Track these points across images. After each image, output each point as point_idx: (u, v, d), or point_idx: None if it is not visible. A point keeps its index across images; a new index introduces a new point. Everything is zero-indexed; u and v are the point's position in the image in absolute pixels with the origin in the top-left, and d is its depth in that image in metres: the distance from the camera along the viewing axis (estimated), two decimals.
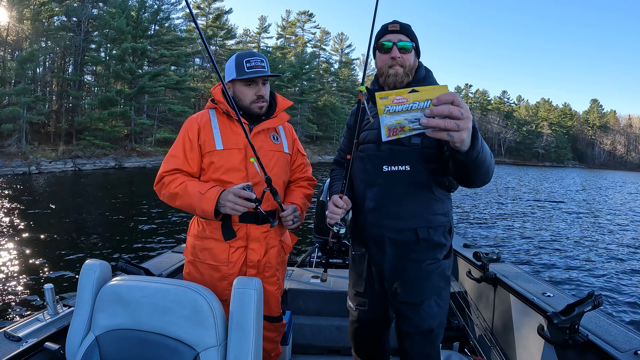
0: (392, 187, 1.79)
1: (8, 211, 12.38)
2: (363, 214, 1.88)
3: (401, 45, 1.76)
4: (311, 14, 67.43)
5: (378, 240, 1.84)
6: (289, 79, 51.82)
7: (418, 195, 1.77)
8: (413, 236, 1.78)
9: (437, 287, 1.83)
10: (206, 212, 1.80)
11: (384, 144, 1.79)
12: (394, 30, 1.78)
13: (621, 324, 1.90)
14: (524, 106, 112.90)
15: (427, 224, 1.78)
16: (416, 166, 1.74)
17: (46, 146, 30.50)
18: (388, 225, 1.80)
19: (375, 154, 1.83)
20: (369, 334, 2.12)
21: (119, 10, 35.41)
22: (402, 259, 1.82)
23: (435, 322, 1.84)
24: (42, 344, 1.62)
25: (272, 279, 2.08)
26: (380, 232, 1.82)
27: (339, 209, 1.78)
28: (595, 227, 14.75)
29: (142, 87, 35.30)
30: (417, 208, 1.78)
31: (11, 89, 28.77)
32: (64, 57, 36.42)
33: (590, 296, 1.78)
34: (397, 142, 1.75)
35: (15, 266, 7.31)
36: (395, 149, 1.78)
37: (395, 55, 1.76)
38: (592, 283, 8.16)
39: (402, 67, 1.77)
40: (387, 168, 1.78)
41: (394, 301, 1.88)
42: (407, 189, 1.77)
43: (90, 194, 18.35)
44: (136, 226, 10.97)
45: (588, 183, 41.75)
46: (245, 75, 1.92)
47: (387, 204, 1.80)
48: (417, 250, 1.79)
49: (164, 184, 1.91)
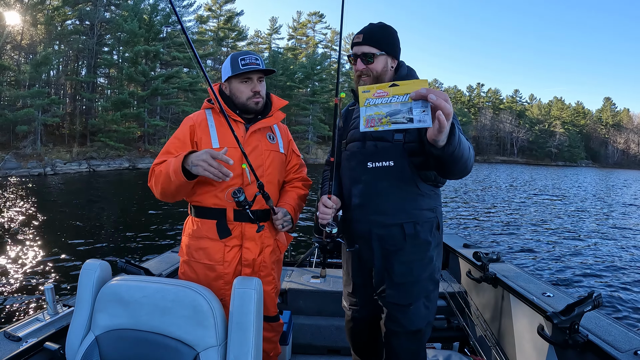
0: (376, 183, 1.81)
1: (14, 211, 12.59)
2: (350, 210, 1.92)
3: (365, 56, 1.80)
4: (322, 15, 67.58)
5: (365, 236, 1.87)
6: (301, 80, 51.98)
7: (403, 191, 1.79)
8: (399, 232, 1.80)
9: (426, 290, 1.85)
10: (176, 169, 1.72)
11: (369, 142, 1.84)
12: (357, 43, 1.83)
13: (621, 324, 1.90)
14: (537, 105, 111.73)
15: (413, 219, 1.80)
16: (400, 161, 1.77)
17: (61, 148, 30.95)
18: (374, 221, 1.83)
19: (360, 151, 1.87)
20: (364, 333, 2.14)
21: (131, 13, 35.79)
22: (390, 259, 1.84)
23: (423, 322, 1.86)
24: (42, 344, 1.62)
25: (267, 278, 2.07)
26: (367, 227, 1.85)
27: (329, 209, 1.81)
28: (596, 227, 14.60)
29: (155, 89, 35.62)
30: (402, 203, 1.80)
31: (26, 92, 29.21)
32: (77, 60, 36.94)
33: (590, 296, 1.77)
34: (381, 138, 1.80)
35: (15, 266, 7.38)
36: (379, 145, 1.81)
37: (359, 68, 1.82)
38: (592, 283, 8.12)
39: (369, 76, 1.82)
40: (372, 164, 1.81)
41: (383, 300, 1.90)
42: (392, 184, 1.79)
43: (97, 194, 18.62)
44: (137, 226, 11.06)
45: (597, 183, 41.20)
46: (240, 71, 1.94)
47: (372, 200, 1.84)
48: (405, 250, 1.81)
49: (154, 173, 1.89)
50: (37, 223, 10.93)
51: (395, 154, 1.77)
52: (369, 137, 1.86)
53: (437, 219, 1.88)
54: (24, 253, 8.15)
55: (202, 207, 1.96)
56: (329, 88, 56.85)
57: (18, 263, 7.55)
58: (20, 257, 7.86)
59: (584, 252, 10.65)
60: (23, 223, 10.88)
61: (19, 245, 8.67)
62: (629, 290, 7.67)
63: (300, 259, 4.16)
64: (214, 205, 1.93)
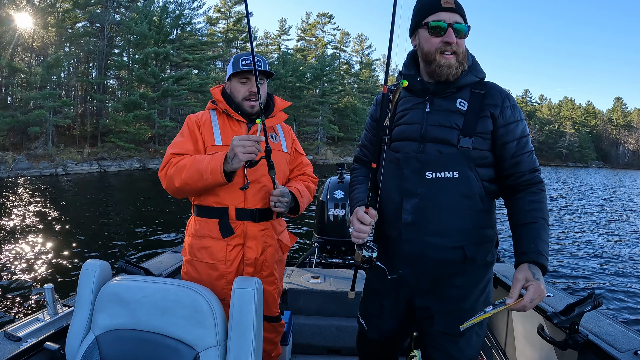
0: (437, 197, 1.52)
1: (18, 211, 12.70)
2: (397, 228, 1.59)
3: (457, 28, 1.48)
4: (331, 16, 67.54)
5: (415, 259, 1.58)
6: (310, 81, 52.03)
7: (467, 207, 1.52)
8: (459, 255, 1.53)
9: None
10: (214, 169, 1.73)
11: (429, 144, 1.54)
12: (449, 8, 1.48)
13: (621, 324, 1.90)
14: (547, 105, 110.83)
15: (475, 240, 1.55)
16: (466, 172, 1.50)
17: (72, 148, 31.25)
18: (429, 243, 1.53)
19: (416, 157, 1.55)
20: (378, 355, 1.93)
21: (141, 15, 36.07)
22: (443, 283, 1.58)
23: (473, 351, 1.64)
24: (42, 344, 1.62)
25: (269, 278, 2.06)
26: (420, 250, 1.55)
27: (366, 226, 1.53)
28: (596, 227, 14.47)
29: (165, 91, 35.85)
30: (465, 222, 1.53)
31: (37, 94, 29.50)
32: (88, 62, 37.28)
33: (590, 296, 1.75)
34: (445, 141, 1.52)
35: (15, 266, 7.43)
36: (444, 151, 1.52)
37: (451, 40, 1.47)
38: (592, 283, 8.06)
39: (455, 54, 1.50)
40: (432, 174, 1.51)
41: (428, 328, 1.63)
42: (455, 200, 1.51)
43: (104, 195, 18.67)
44: (138, 226, 11.11)
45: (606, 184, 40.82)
46: (239, 70, 1.96)
47: (430, 218, 1.53)
48: (462, 274, 1.56)
49: (171, 164, 1.88)
50: (39, 223, 11.01)
51: (461, 162, 1.50)
52: (428, 138, 1.55)
53: (496, 235, 1.66)
54: (24, 253, 8.21)
55: (205, 207, 1.96)
56: (338, 89, 56.93)
57: (18, 263, 7.60)
58: (20, 257, 7.92)
59: (584, 252, 10.57)
60: (25, 223, 10.98)
61: (20, 245, 8.75)
62: (629, 290, 7.63)
63: (300, 259, 4.15)
64: (216, 204, 1.94)
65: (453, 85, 1.55)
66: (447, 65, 1.50)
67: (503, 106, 1.53)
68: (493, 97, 1.54)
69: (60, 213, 12.63)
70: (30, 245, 8.76)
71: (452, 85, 1.55)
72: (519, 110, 1.57)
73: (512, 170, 1.53)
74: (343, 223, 3.96)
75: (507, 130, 1.52)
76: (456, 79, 1.54)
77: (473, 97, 1.55)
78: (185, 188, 1.84)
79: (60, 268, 7.37)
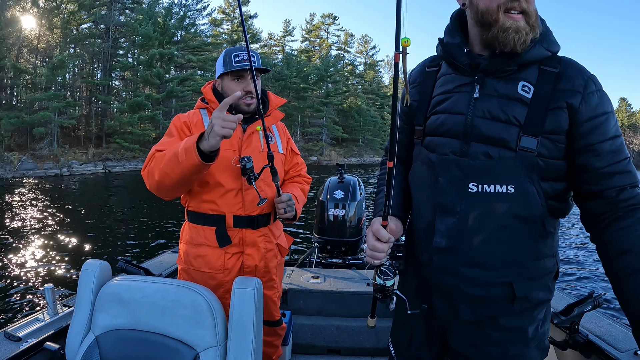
0: (481, 219, 1.13)
1: (20, 212, 12.79)
2: (428, 251, 1.23)
3: None
4: (335, 17, 67.45)
5: (448, 292, 1.23)
6: (314, 82, 51.97)
7: (522, 233, 1.13)
8: (505, 293, 1.16)
9: None
10: (189, 148, 1.52)
11: (475, 144, 1.14)
12: None
13: (621, 324, 1.89)
14: None
15: (528, 275, 1.17)
16: (525, 185, 1.10)
17: (77, 149, 31.35)
18: (467, 275, 1.17)
19: (457, 161, 1.15)
20: None
21: (145, 17, 36.13)
22: (482, 325, 1.22)
23: None
24: (42, 344, 1.63)
25: (269, 283, 2.01)
26: (454, 282, 1.19)
27: (384, 243, 1.18)
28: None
29: (170, 92, 35.90)
30: (517, 252, 1.15)
31: (42, 95, 29.64)
32: (93, 63, 37.38)
33: (590, 296, 1.75)
34: (500, 142, 1.11)
35: (16, 266, 7.47)
36: (494, 154, 1.11)
37: None
38: (592, 283, 8.03)
39: (523, 13, 1.07)
40: (477, 187, 1.12)
41: None
42: (507, 223, 1.12)
43: (107, 195, 18.81)
44: (138, 227, 11.17)
45: None
46: (232, 68, 1.83)
47: (470, 245, 1.16)
48: (508, 314, 1.19)
49: (154, 158, 1.70)
50: (41, 223, 11.10)
51: (519, 173, 1.09)
52: (475, 136, 1.14)
53: (557, 265, 1.26)
54: (25, 253, 8.27)
55: (200, 213, 1.88)
56: (342, 90, 56.87)
57: (18, 263, 7.65)
58: (20, 257, 7.98)
59: (584, 251, 10.57)
60: (28, 223, 11.07)
61: (20, 244, 8.81)
62: None
63: (300, 259, 4.14)
64: (212, 212, 1.86)
65: (515, 61, 1.12)
66: (514, 29, 1.07)
67: (586, 92, 1.09)
68: (571, 79, 1.10)
69: (62, 213, 12.71)
70: (31, 245, 8.82)
71: (514, 61, 1.12)
72: (607, 99, 1.12)
73: (602, 185, 1.09)
74: (343, 223, 3.95)
75: (593, 127, 1.08)
76: (522, 52, 1.11)
77: (542, 78, 1.12)
78: (165, 180, 1.63)
79: (61, 268, 7.40)
